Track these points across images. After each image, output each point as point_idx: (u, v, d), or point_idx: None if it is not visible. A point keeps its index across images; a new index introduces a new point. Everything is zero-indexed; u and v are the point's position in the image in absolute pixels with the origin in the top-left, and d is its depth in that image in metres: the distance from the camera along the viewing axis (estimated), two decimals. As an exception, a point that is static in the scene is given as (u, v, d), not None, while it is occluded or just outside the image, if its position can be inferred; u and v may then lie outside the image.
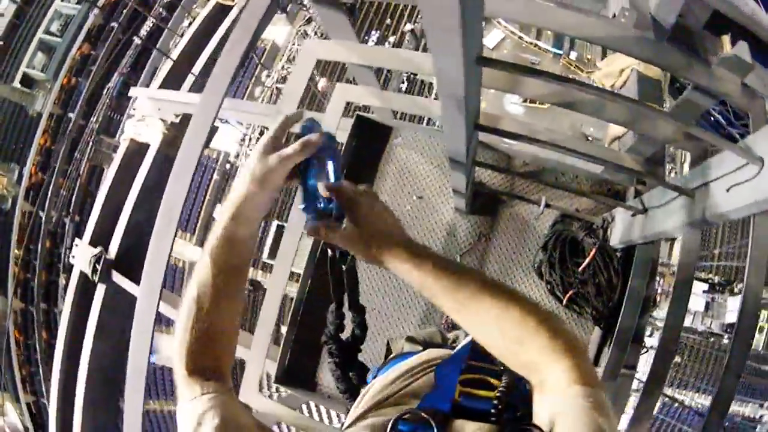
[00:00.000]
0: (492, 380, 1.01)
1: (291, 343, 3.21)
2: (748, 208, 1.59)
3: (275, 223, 15.07)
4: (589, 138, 13.60)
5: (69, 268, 2.66)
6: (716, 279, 17.84)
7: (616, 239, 2.78)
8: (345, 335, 1.43)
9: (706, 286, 17.07)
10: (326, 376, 3.23)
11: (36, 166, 18.97)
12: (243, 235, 0.96)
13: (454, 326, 2.93)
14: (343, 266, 1.20)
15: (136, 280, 2.36)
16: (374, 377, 1.38)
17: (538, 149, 3.04)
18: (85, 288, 2.35)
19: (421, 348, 1.54)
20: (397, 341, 1.74)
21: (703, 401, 14.42)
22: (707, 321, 17.30)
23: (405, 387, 1.12)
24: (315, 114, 3.37)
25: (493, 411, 0.90)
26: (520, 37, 16.72)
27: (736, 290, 16.69)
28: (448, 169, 3.16)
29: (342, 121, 3.13)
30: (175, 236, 2.18)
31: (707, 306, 17.44)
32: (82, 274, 2.32)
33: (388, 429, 0.83)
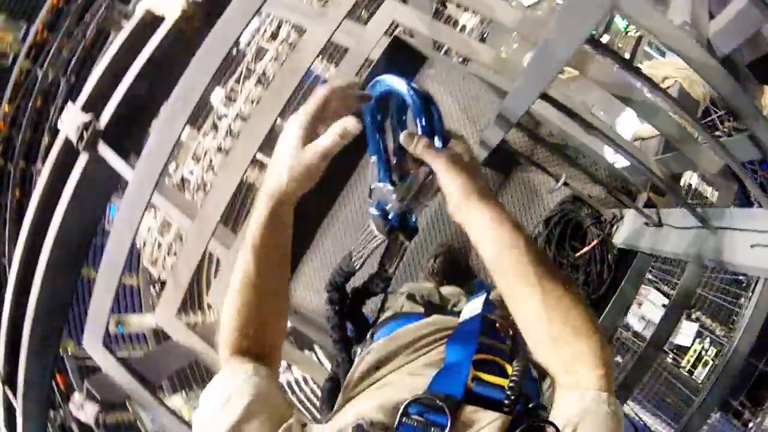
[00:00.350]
0: (503, 363, 0.97)
1: None
2: (765, 272, 1.56)
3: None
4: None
5: (55, 131, 2.50)
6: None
7: (620, 238, 2.74)
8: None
9: (666, 300, 17.45)
10: (298, 290, 3.25)
11: (44, 25, 18.09)
12: (283, 223, 0.97)
13: (435, 273, 2.88)
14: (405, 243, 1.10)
15: (123, 154, 2.24)
16: (371, 336, 1.32)
17: (568, 123, 2.92)
18: (68, 154, 2.20)
19: (422, 310, 1.47)
20: (396, 295, 1.65)
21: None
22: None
23: (411, 361, 1.06)
24: (354, 26, 3.12)
25: (506, 402, 0.86)
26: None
27: (693, 316, 17.23)
28: (473, 115, 3.01)
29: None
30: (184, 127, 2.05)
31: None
32: (68, 140, 2.16)
33: (400, 412, 0.80)
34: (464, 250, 3.13)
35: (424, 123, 0.88)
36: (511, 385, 0.89)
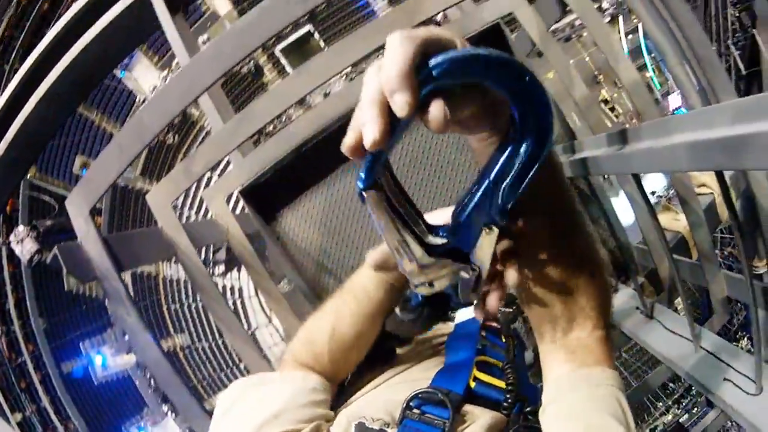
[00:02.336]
0: (502, 366, 0.96)
1: (280, 166, 3.03)
2: (726, 407, 1.68)
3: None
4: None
5: None
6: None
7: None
8: None
9: None
10: (289, 218, 3.15)
11: None
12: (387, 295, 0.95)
13: None
14: None
15: (173, 8, 2.21)
16: None
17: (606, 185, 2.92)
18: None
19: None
20: None
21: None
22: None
23: (411, 367, 1.06)
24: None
25: (504, 404, 0.88)
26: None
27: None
28: None
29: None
30: None
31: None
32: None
33: (403, 406, 0.82)
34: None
35: None
36: (509, 388, 0.89)
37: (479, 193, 0.55)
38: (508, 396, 0.88)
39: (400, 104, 0.46)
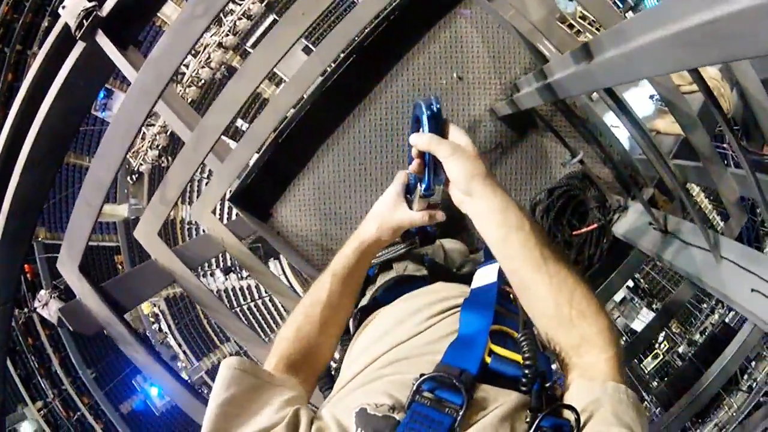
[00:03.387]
0: (516, 335, 0.93)
1: (262, 164, 3.03)
2: (756, 318, 1.57)
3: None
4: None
5: (56, 16, 2.25)
6: (643, 283, 18.64)
7: (620, 229, 2.70)
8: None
9: (631, 284, 17.91)
10: (283, 212, 3.16)
11: None
12: (360, 266, 1.15)
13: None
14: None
15: (121, 46, 2.11)
16: (374, 299, 1.30)
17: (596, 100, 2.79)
18: (66, 40, 2.01)
19: (426, 272, 1.40)
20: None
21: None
22: (615, 313, 18.33)
23: (419, 333, 0.99)
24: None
25: (523, 380, 0.82)
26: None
27: (653, 306, 17.82)
28: (500, 66, 2.95)
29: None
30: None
31: (623, 300, 18.42)
32: (66, 26, 1.95)
33: (413, 390, 0.76)
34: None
35: (428, 122, 1.00)
36: (527, 363, 0.84)
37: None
38: (527, 372, 0.82)
39: None
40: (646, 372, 17.59)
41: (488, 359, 0.86)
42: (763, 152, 2.89)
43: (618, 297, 17.69)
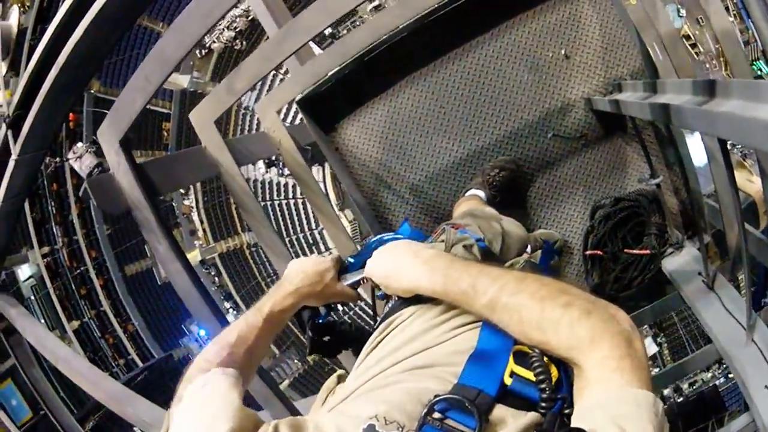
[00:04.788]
0: (531, 353, 0.84)
1: (341, 77, 2.91)
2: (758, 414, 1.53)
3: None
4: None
5: None
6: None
7: (669, 266, 2.60)
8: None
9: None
10: (348, 129, 3.06)
11: None
12: (284, 317, 1.20)
13: (492, 185, 2.71)
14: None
15: None
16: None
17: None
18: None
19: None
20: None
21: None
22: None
23: (441, 343, 0.93)
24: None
25: (543, 404, 0.77)
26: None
27: (658, 338, 17.39)
28: (609, 59, 2.78)
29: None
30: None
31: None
32: None
33: (424, 412, 0.72)
34: (529, 178, 2.97)
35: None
36: (543, 387, 0.78)
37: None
38: (544, 393, 0.77)
39: None
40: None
41: (509, 380, 0.81)
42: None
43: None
